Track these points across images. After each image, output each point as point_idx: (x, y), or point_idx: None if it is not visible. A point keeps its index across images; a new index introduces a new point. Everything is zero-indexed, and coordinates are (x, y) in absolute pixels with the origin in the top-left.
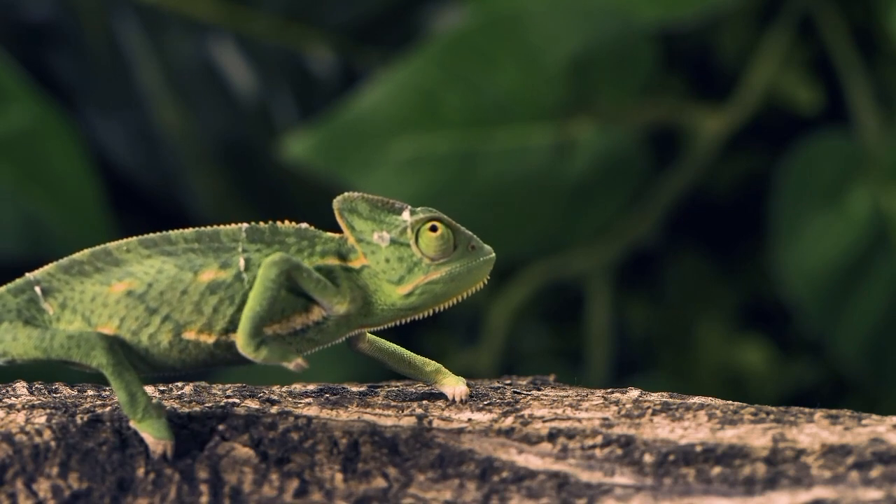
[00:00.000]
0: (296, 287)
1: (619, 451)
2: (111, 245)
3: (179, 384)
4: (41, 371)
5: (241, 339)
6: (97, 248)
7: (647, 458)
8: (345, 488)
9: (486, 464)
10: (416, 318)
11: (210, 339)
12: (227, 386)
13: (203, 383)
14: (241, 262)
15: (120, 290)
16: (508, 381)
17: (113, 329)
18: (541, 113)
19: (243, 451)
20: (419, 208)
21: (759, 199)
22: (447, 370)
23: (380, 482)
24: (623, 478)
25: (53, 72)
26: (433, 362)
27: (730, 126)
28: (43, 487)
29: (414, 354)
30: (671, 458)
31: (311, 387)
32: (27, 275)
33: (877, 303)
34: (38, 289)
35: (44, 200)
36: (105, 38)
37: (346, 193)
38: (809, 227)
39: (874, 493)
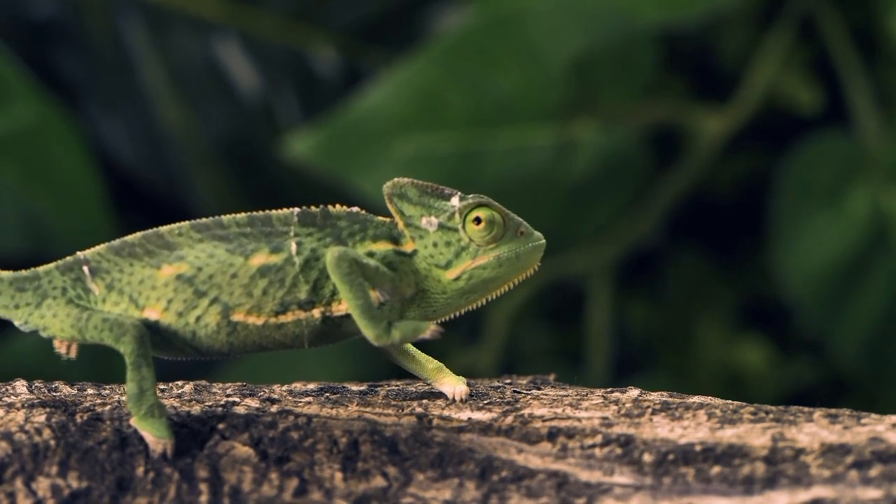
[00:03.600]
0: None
1: (618, 451)
2: (163, 228)
3: (179, 383)
4: (41, 370)
5: (370, 334)
6: (149, 231)
7: (647, 458)
8: (344, 487)
9: (485, 463)
10: (471, 308)
11: (258, 321)
12: (228, 385)
13: (203, 382)
14: (293, 246)
15: (169, 273)
16: (508, 381)
17: (160, 311)
18: (543, 113)
19: (243, 450)
20: (469, 195)
21: (760, 199)
22: (448, 370)
23: (379, 481)
24: (622, 477)
25: (57, 69)
26: (435, 361)
27: (730, 126)
28: (42, 486)
29: (419, 351)
30: (671, 457)
31: (311, 386)
32: (77, 253)
33: (876, 302)
34: (86, 268)
35: (46, 198)
36: (109, 36)
37: (395, 179)
38: (809, 227)
39: (873, 493)
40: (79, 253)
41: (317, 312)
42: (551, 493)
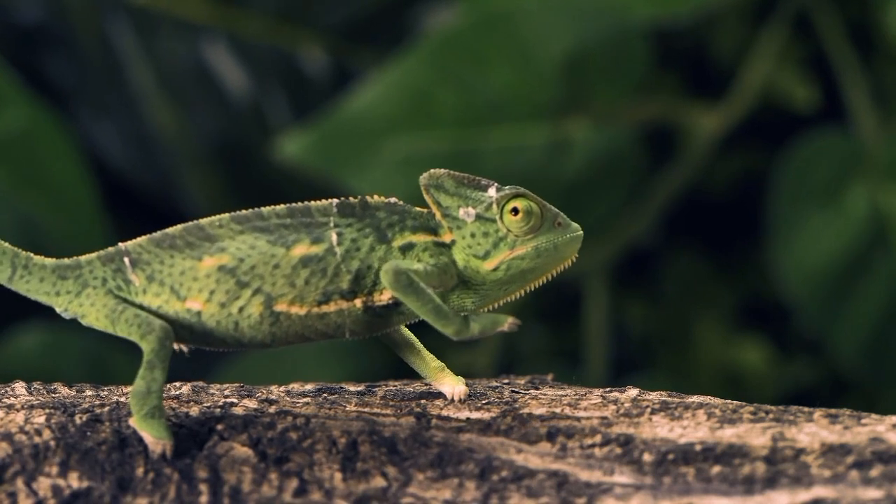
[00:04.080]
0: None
1: (618, 450)
2: (203, 221)
3: (177, 384)
4: (39, 372)
5: (450, 332)
6: (190, 223)
7: (647, 457)
8: (344, 488)
9: (485, 463)
10: (511, 299)
11: (301, 311)
12: (226, 386)
13: (201, 383)
14: (334, 237)
15: (210, 264)
16: (507, 381)
17: (202, 302)
18: (535, 111)
19: (242, 450)
20: (506, 186)
21: (757, 197)
22: (448, 370)
23: (379, 481)
24: (622, 477)
25: (47, 74)
26: (438, 360)
27: (726, 124)
28: (43, 486)
29: (424, 347)
30: (670, 457)
31: (309, 386)
32: (119, 244)
33: (875, 301)
34: (126, 259)
35: (39, 202)
36: (98, 39)
37: (432, 170)
38: (807, 225)
39: (874, 493)
40: (120, 244)
41: (359, 302)
42: (551, 492)
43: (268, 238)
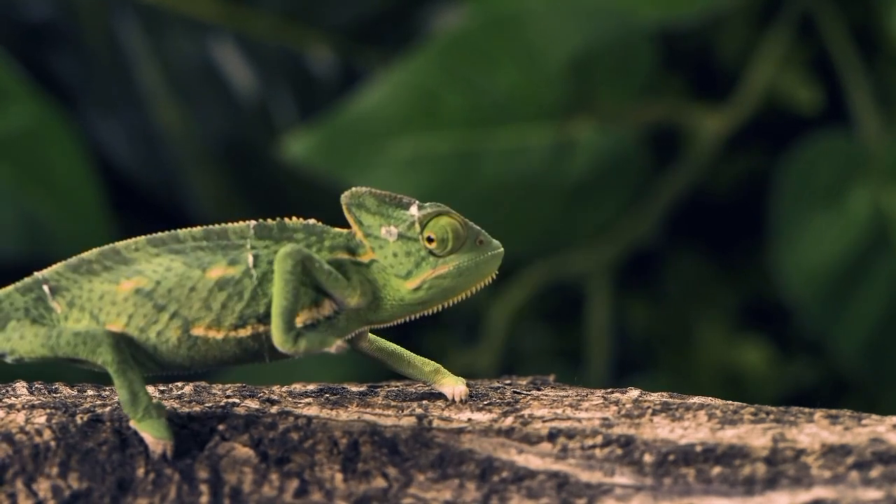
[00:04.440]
0: (307, 280)
1: (619, 451)
2: (120, 244)
3: (179, 384)
4: (41, 371)
5: (277, 337)
6: (106, 247)
7: (647, 458)
8: (345, 488)
9: (485, 464)
10: (425, 314)
11: (219, 335)
12: (227, 386)
13: (203, 383)
14: (250, 259)
15: (128, 288)
16: (508, 381)
17: (121, 326)
18: (541, 113)
19: (243, 450)
20: (427, 203)
21: (759, 198)
22: (446, 370)
23: (380, 482)
24: (623, 478)
25: (53, 72)
26: (432, 362)
27: (730, 126)
28: (43, 487)
29: (413, 354)
30: (671, 458)
31: (310, 387)
32: (35, 273)
33: (877, 303)
34: (46, 287)
35: (44, 201)
36: (105, 38)
37: (353, 189)
38: (809, 226)
39: (874, 493)
40: (36, 273)
41: None
42: (552, 493)
43: (184, 260)
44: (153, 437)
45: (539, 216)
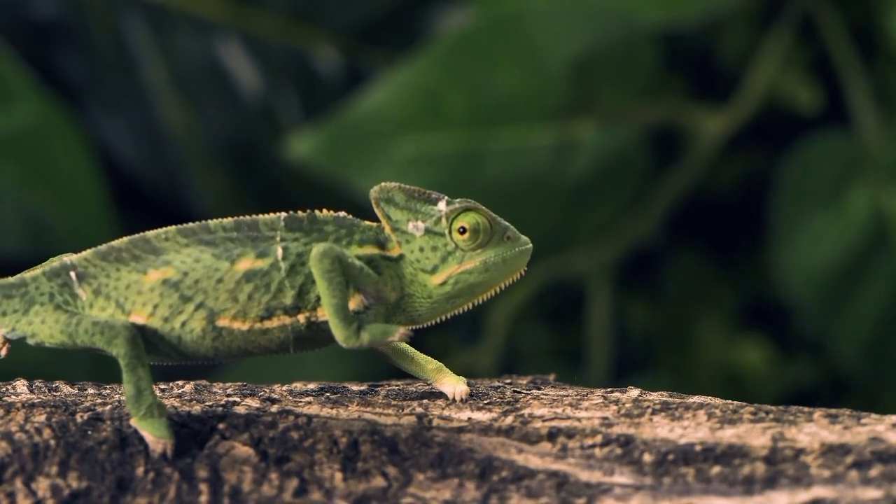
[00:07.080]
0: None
1: (618, 451)
2: (150, 233)
3: (180, 383)
4: (41, 369)
5: (339, 336)
6: (136, 235)
7: (647, 458)
8: (344, 487)
9: (485, 463)
10: (457, 312)
11: (244, 326)
12: (228, 385)
13: (203, 382)
14: (279, 251)
15: (155, 278)
16: (508, 381)
17: (145, 316)
18: (543, 113)
19: (243, 450)
20: (456, 199)
21: (760, 199)
22: (448, 370)
23: (379, 481)
24: (622, 477)
25: (59, 70)
26: (435, 361)
27: (730, 126)
28: (42, 486)
29: (417, 352)
30: (670, 457)
31: (311, 386)
32: (64, 258)
33: (876, 302)
34: (73, 274)
35: (48, 198)
36: (111, 36)
37: (382, 183)
38: (809, 226)
39: (873, 493)
40: (65, 258)
41: (302, 318)
42: (551, 493)
43: (213, 251)
44: (153, 435)
45: (540, 216)
